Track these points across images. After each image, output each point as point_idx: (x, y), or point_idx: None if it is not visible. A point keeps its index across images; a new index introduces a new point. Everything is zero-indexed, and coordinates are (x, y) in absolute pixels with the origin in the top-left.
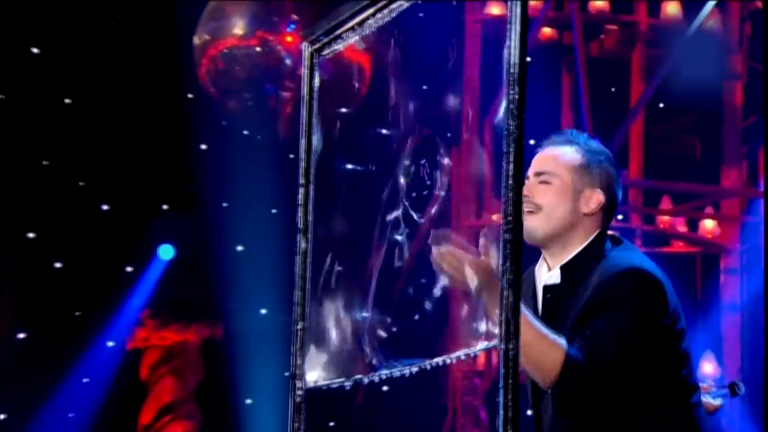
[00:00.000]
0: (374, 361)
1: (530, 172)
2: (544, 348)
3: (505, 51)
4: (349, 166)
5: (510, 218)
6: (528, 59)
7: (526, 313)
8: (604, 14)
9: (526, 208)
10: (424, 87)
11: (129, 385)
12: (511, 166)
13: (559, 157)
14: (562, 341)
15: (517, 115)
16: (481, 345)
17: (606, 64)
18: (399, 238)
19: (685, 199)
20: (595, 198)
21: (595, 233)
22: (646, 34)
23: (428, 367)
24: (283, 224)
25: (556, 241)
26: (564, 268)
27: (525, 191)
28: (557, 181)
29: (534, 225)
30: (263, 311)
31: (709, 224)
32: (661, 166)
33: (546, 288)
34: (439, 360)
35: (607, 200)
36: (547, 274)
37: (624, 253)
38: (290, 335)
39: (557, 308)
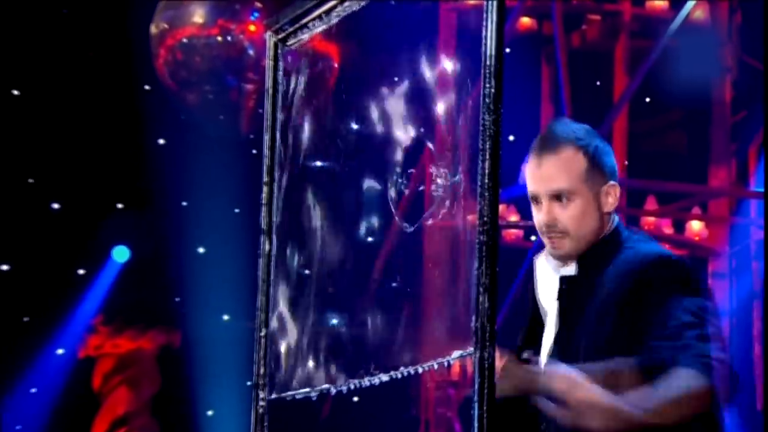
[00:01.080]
0: (342, 371)
1: (539, 189)
2: (664, 395)
3: (482, 41)
4: (317, 164)
5: (486, 219)
6: (506, 50)
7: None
8: (587, 3)
9: (552, 234)
10: (395, 79)
11: (80, 396)
12: (487, 164)
13: (568, 169)
14: (639, 376)
15: (493, 110)
16: (456, 353)
17: (588, 56)
18: (371, 239)
19: (671, 200)
20: (612, 192)
21: (614, 222)
22: (630, 25)
23: (399, 376)
24: (246, 225)
25: (582, 248)
26: (581, 259)
27: (546, 218)
28: (577, 198)
29: (567, 249)
30: (224, 317)
31: (696, 226)
32: (646, 164)
33: (563, 279)
34: (411, 369)
35: (618, 185)
36: (563, 265)
37: (644, 243)
38: (253, 343)
39: (574, 300)
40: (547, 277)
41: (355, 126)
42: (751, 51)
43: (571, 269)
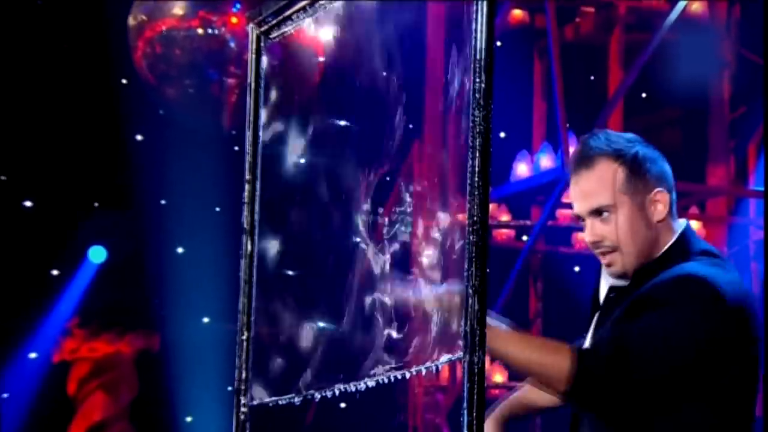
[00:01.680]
0: (326, 375)
1: (581, 210)
2: (547, 357)
3: (472, 34)
4: (301, 161)
5: (476, 218)
6: (497, 44)
7: (507, 328)
8: None
9: (601, 252)
10: (383, 73)
11: (55, 402)
12: (477, 162)
13: (604, 183)
14: (567, 345)
15: (483, 105)
16: (444, 357)
17: (582, 50)
18: (358, 239)
19: None
20: (661, 200)
21: (677, 233)
22: (625, 18)
23: (386, 381)
24: (227, 224)
25: (641, 264)
26: (637, 273)
27: (591, 237)
28: (619, 211)
29: (621, 265)
30: (205, 320)
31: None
32: None
33: (610, 288)
34: (398, 373)
35: (668, 191)
36: (619, 277)
37: (701, 263)
38: (234, 346)
39: (613, 309)
40: (604, 287)
41: (340, 122)
42: (751, 45)
43: (625, 280)
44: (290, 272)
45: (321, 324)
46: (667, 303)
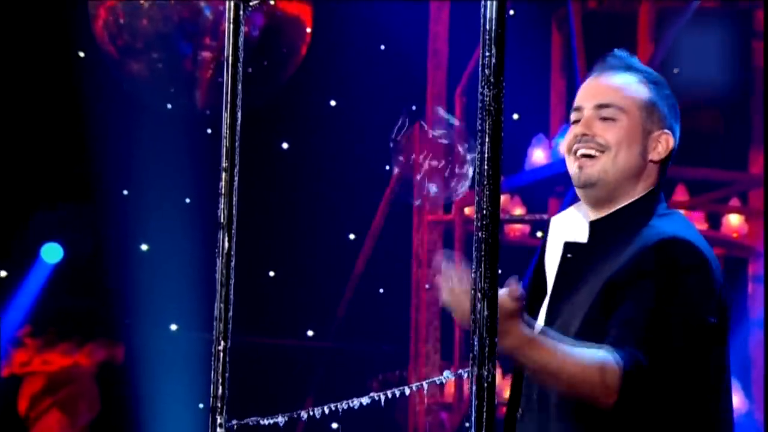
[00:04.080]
0: (315, 391)
1: (585, 102)
2: (588, 375)
3: (481, 2)
4: (285, 146)
5: (485, 212)
6: (509, 13)
7: (549, 342)
8: None
9: (584, 148)
10: (382, 47)
11: (4, 422)
12: (487, 147)
13: (623, 89)
14: (602, 353)
15: (494, 83)
16: (449, 371)
17: (606, 19)
18: (351, 236)
19: (704, 189)
20: (665, 141)
21: (652, 187)
22: None
23: (383, 398)
24: (200, 218)
25: (611, 192)
26: (596, 225)
27: (582, 128)
28: (625, 118)
29: (598, 169)
30: (174, 327)
31: (734, 220)
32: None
33: (568, 246)
34: (396, 390)
35: (675, 144)
36: (576, 227)
37: (673, 223)
38: (209, 357)
39: (577, 274)
40: (559, 242)
41: (333, 103)
42: None
43: (582, 233)
44: (273, 273)
45: (308, 332)
46: (655, 275)
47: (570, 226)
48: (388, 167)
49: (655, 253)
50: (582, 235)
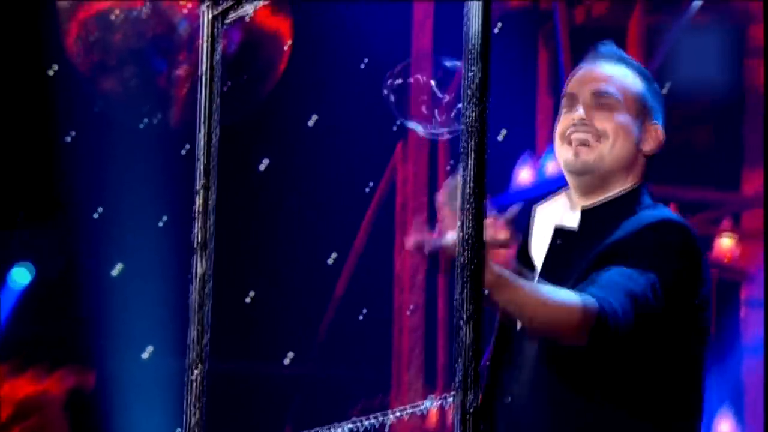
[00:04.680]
0: (293, 418)
1: (580, 90)
2: (566, 310)
3: (464, 17)
4: (263, 164)
5: (469, 234)
6: (495, 28)
7: (524, 281)
8: None
9: (581, 134)
10: (364, 62)
11: None
12: (471, 167)
13: (620, 80)
14: (581, 295)
15: (478, 100)
16: (432, 398)
17: (595, 34)
18: (332, 258)
19: (696, 210)
20: (656, 134)
21: (641, 179)
22: None
23: (364, 425)
24: (175, 240)
25: (603, 179)
26: (587, 213)
27: (578, 114)
28: (622, 107)
29: (595, 156)
30: (147, 352)
31: (726, 242)
32: (666, 166)
33: (558, 232)
34: (378, 417)
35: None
36: (566, 214)
37: (665, 210)
38: (183, 385)
39: (566, 260)
40: (546, 231)
41: (313, 120)
42: None
43: (572, 220)
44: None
45: (286, 359)
46: (651, 249)
47: (558, 213)
48: (369, 186)
49: (653, 232)
50: (572, 222)
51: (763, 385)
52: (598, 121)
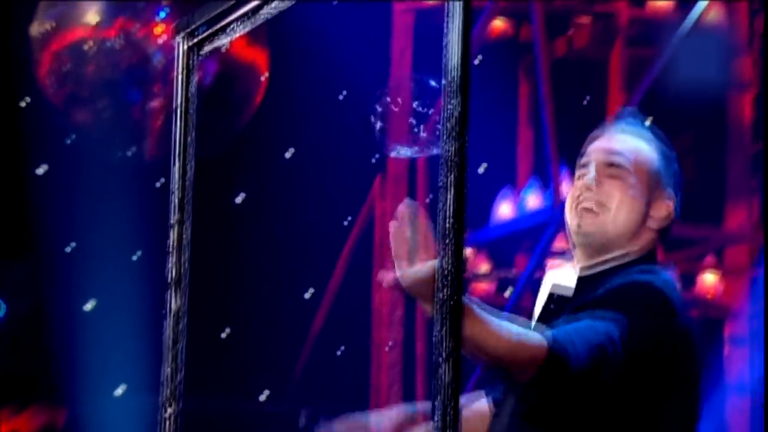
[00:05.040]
0: None
1: (595, 157)
2: (517, 344)
3: (444, 50)
4: (239, 199)
5: (448, 269)
6: (475, 61)
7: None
8: (574, 3)
9: (587, 203)
10: (342, 94)
11: None
12: (450, 201)
13: (635, 152)
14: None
15: (458, 134)
16: None
17: (576, 66)
18: (308, 294)
19: (678, 246)
20: (665, 210)
21: (647, 252)
22: (627, 30)
23: None
24: (149, 274)
25: (605, 247)
26: (583, 280)
27: (586, 181)
28: (632, 179)
29: (596, 226)
30: (120, 390)
31: (709, 279)
32: None
33: (550, 297)
34: None
35: (675, 216)
36: (564, 282)
37: (653, 275)
38: (157, 423)
39: (555, 321)
40: (546, 296)
41: (290, 153)
42: None
43: (568, 290)
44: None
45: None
46: (621, 306)
47: (560, 280)
48: (347, 221)
49: (621, 293)
50: (568, 291)
51: (749, 426)
52: (605, 191)
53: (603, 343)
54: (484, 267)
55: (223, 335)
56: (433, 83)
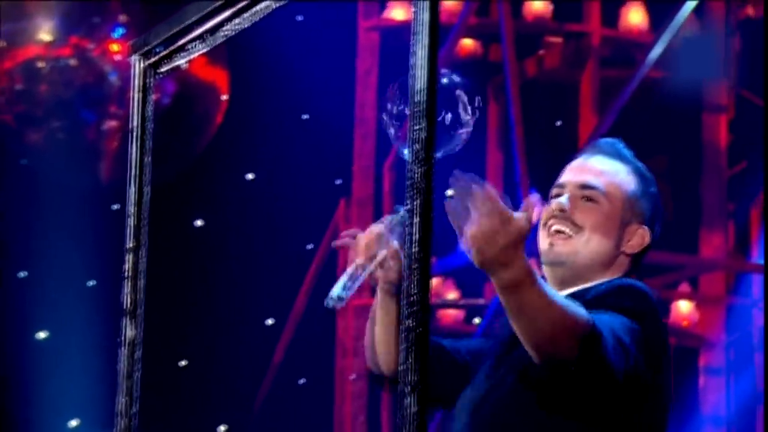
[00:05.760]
0: None
1: (569, 180)
2: (570, 319)
3: (410, 71)
4: (198, 223)
5: (414, 297)
6: (442, 81)
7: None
8: (545, 22)
9: (559, 225)
10: (304, 116)
11: None
12: (417, 228)
13: (610, 175)
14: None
15: (424, 159)
16: None
17: (547, 88)
18: (269, 321)
19: (652, 273)
20: (640, 235)
21: (620, 274)
22: (600, 50)
23: None
24: (103, 302)
25: (577, 274)
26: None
27: (560, 203)
28: (606, 203)
29: (569, 249)
30: (74, 422)
31: (684, 307)
32: None
33: None
34: None
35: (651, 242)
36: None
37: (628, 280)
38: None
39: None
40: None
41: (251, 176)
42: (751, 85)
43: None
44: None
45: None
46: (614, 303)
47: None
48: (310, 246)
49: (609, 294)
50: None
51: None
52: (578, 214)
53: (623, 339)
54: (451, 294)
55: (181, 365)
56: (444, 80)
